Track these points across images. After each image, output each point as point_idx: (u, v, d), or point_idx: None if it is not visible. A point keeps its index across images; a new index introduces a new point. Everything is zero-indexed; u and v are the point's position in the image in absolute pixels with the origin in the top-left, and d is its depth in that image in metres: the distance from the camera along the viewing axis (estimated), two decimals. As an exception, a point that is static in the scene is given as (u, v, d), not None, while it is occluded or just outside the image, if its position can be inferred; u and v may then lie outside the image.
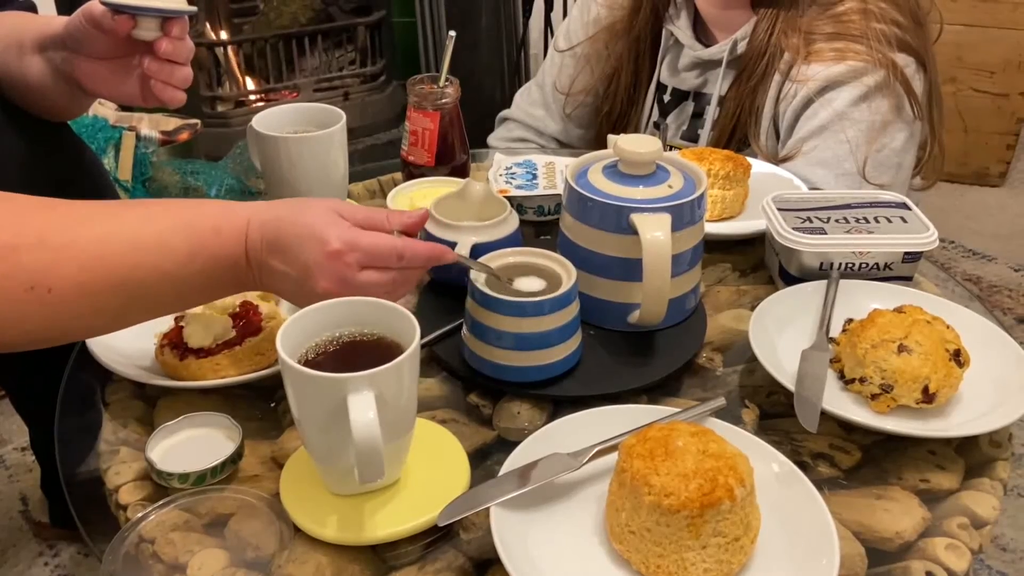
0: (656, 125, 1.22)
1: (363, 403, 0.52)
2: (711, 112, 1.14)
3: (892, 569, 0.57)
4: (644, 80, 1.22)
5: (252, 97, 1.99)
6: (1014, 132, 2.25)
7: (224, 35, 1.95)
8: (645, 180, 0.75)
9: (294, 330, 0.57)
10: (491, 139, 1.35)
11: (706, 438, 0.55)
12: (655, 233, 0.69)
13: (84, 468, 0.65)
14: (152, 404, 0.70)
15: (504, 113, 1.36)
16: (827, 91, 1.05)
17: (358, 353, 0.58)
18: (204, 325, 0.69)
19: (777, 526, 0.56)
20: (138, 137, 1.55)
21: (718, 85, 1.13)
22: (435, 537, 0.58)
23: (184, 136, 1.59)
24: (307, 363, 0.56)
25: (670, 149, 1.20)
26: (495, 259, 0.72)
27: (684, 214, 0.73)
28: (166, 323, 0.72)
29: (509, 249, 0.74)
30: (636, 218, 0.71)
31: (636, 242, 0.70)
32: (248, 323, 0.71)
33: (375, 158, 1.11)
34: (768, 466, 0.60)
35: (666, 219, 0.70)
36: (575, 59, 1.26)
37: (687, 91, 1.19)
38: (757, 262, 0.90)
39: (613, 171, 0.76)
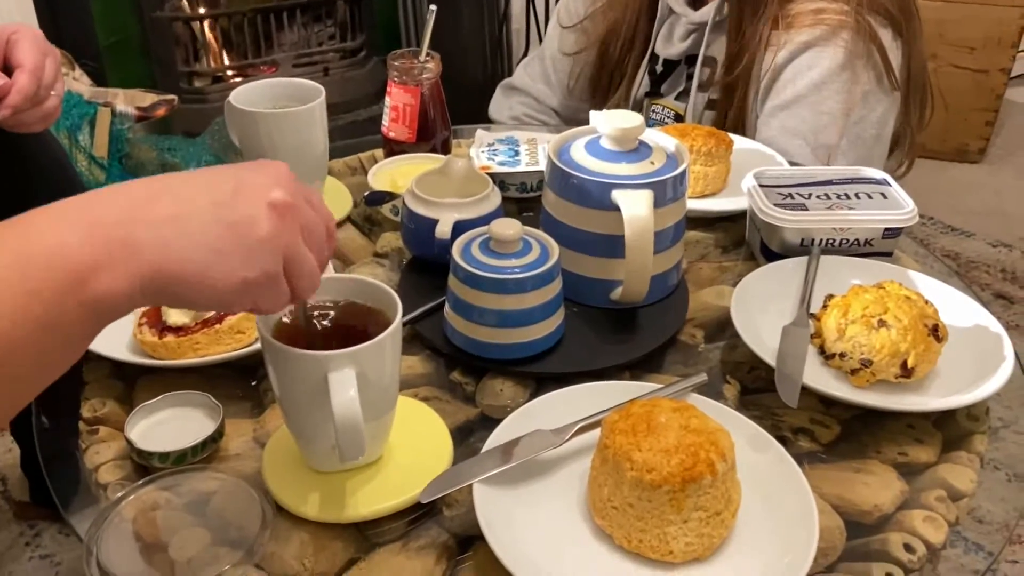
0: (647, 95, 1.21)
1: (344, 381, 0.51)
2: (697, 72, 1.13)
3: (871, 541, 0.57)
4: (638, 51, 1.21)
5: (230, 73, 1.96)
6: (993, 109, 2.26)
7: (201, 8, 1.92)
8: (627, 156, 0.74)
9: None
10: (493, 110, 1.35)
11: (688, 414, 0.55)
12: (637, 209, 0.69)
13: (63, 447, 0.64)
14: (131, 383, 0.70)
15: (509, 82, 1.36)
16: (804, 56, 1.04)
17: (340, 331, 0.57)
18: (183, 303, 0.68)
19: (758, 500, 0.56)
20: (113, 113, 1.52)
21: (703, 47, 1.12)
22: (418, 514, 0.58)
23: (161, 112, 1.57)
24: (288, 341, 0.55)
25: (662, 109, 1.20)
26: (479, 235, 0.72)
27: (666, 190, 0.73)
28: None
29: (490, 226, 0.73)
30: (618, 194, 0.70)
31: (618, 218, 0.70)
32: (228, 301, 0.70)
33: (355, 135, 1.09)
34: (749, 441, 0.60)
35: (648, 195, 0.70)
36: (575, 32, 1.25)
37: (678, 60, 1.18)
38: (739, 238, 0.90)
39: (595, 147, 0.76)
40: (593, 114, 0.76)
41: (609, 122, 0.74)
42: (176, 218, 0.42)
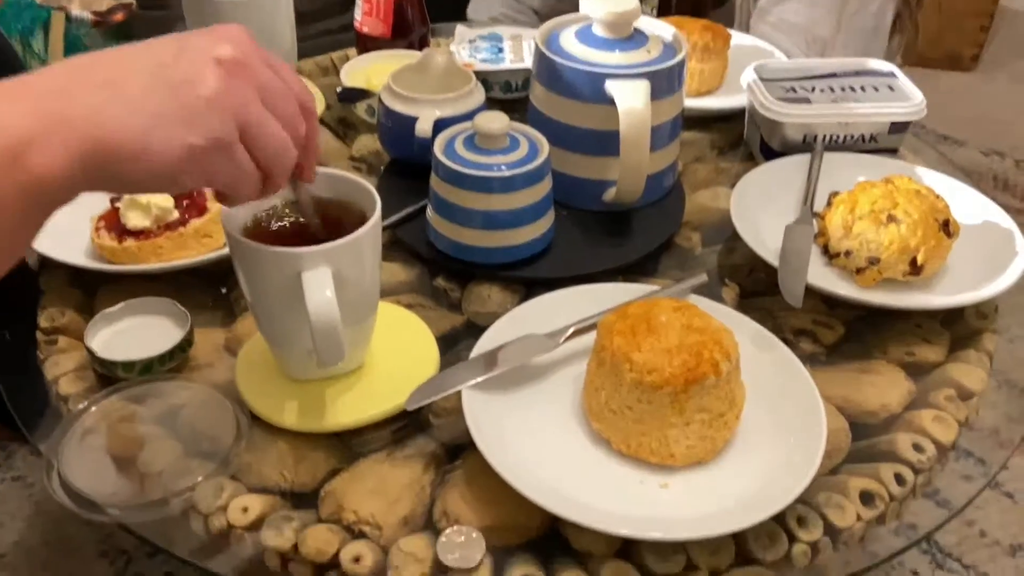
0: None
1: (319, 280, 0.47)
2: None
3: (878, 442, 0.55)
4: None
5: (192, -23, 1.85)
6: (988, 13, 2.19)
7: (158, -94, 1.79)
8: (622, 44, 0.69)
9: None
10: (472, 11, 1.30)
11: (690, 313, 0.52)
12: (633, 101, 0.64)
13: (22, 360, 0.60)
14: (91, 292, 0.65)
15: None
16: None
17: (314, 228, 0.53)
18: (142, 206, 0.63)
19: (761, 401, 0.54)
20: (68, 18, 1.43)
21: None
22: (404, 423, 0.55)
23: (118, 17, 1.47)
24: (257, 237, 0.50)
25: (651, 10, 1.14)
26: (462, 131, 0.67)
27: (663, 81, 0.68)
28: (101, 203, 0.65)
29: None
30: (612, 85, 0.66)
31: (612, 112, 0.65)
32: (192, 203, 0.65)
33: (326, 46, 1.02)
34: (752, 341, 0.57)
35: (645, 86, 0.65)
36: None
37: None
38: (736, 139, 0.86)
39: (587, 35, 0.70)
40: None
41: (602, 6, 0.68)
42: (113, 82, 0.38)
